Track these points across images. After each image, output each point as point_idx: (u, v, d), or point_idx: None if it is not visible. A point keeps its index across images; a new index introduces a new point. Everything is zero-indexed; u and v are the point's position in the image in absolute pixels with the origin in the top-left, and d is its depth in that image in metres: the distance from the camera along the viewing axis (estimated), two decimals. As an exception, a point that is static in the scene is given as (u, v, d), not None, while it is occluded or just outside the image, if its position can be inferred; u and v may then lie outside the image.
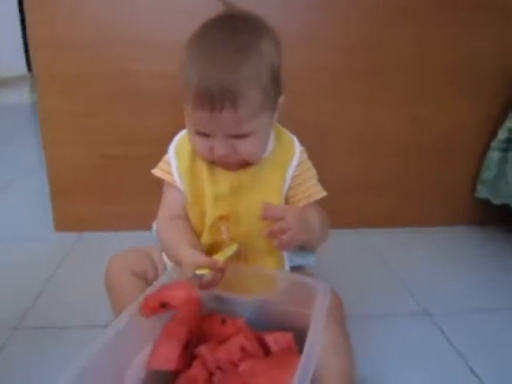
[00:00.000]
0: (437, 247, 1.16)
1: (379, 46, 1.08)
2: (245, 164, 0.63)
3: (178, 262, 0.57)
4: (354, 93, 1.12)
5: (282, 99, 0.63)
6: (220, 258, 0.56)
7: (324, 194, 0.69)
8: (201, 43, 0.57)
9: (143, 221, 0.70)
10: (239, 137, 0.58)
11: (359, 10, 1.05)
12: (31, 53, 1.01)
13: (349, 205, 1.20)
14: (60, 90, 1.04)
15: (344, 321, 0.62)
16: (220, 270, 0.53)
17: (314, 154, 0.71)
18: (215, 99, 0.53)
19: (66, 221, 1.14)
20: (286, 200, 0.67)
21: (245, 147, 0.59)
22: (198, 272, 0.51)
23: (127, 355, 0.50)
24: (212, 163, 0.64)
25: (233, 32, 0.57)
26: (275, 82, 0.60)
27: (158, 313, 0.52)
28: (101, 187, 1.12)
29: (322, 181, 0.70)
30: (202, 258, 0.53)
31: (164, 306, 0.51)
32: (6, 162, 1.70)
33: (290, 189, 0.67)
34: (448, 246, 1.17)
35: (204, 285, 0.52)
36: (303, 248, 0.67)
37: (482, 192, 1.20)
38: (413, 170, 1.21)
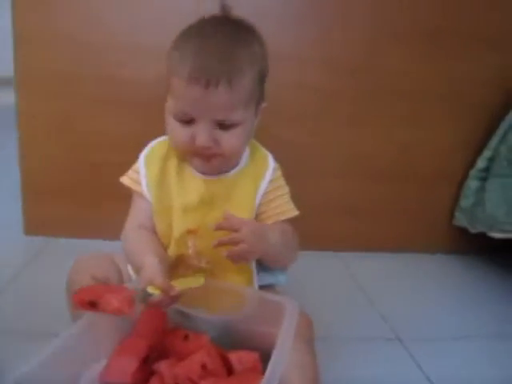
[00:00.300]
0: (413, 274, 1.16)
1: (368, 69, 1.09)
2: (219, 165, 0.62)
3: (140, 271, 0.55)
4: (338, 114, 1.12)
5: (263, 105, 0.63)
6: (180, 285, 0.52)
7: (296, 213, 0.68)
8: (198, 29, 0.58)
9: (115, 230, 0.67)
10: (225, 127, 0.57)
11: (351, 33, 1.06)
12: (13, 48, 0.98)
13: (327, 227, 1.19)
14: (41, 90, 1.02)
15: (312, 341, 0.60)
16: (171, 298, 0.50)
17: (295, 173, 0.70)
18: (213, 73, 0.53)
19: (35, 224, 1.10)
20: (256, 216, 0.66)
21: (228, 139, 0.58)
22: (149, 289, 0.49)
23: (79, 366, 0.48)
24: (185, 161, 0.63)
25: (229, 28, 0.58)
26: (261, 84, 0.61)
27: (83, 308, 0.48)
28: (74, 193, 1.09)
29: (301, 201, 0.69)
30: (159, 279, 0.50)
31: (93, 305, 0.47)
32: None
33: (261, 205, 0.66)
34: (425, 273, 1.17)
35: (149, 303, 0.49)
36: (262, 263, 0.65)
37: (460, 220, 1.21)
38: (393, 195, 1.21)
